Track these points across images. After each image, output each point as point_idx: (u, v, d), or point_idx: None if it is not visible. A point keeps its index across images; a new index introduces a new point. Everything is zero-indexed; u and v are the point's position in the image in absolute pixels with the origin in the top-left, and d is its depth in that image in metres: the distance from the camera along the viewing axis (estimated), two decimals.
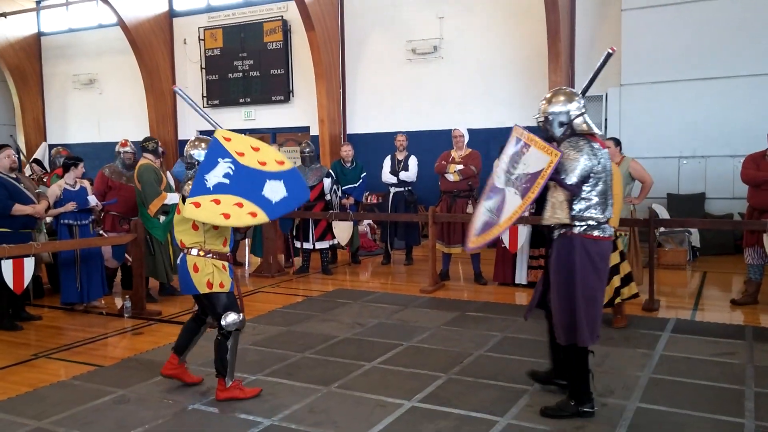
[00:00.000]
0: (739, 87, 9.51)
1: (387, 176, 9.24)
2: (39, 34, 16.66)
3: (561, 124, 3.68)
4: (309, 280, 8.56)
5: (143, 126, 14.61)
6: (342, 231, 8.86)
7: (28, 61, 16.43)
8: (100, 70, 15.75)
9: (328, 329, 5.93)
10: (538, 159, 3.48)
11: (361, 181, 9.39)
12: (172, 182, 7.67)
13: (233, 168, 3.95)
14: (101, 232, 7.40)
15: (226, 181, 3.93)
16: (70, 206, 6.70)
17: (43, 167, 10.28)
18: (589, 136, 3.66)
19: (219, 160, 3.95)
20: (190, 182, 4.18)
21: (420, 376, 4.61)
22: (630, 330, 5.70)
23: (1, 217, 6.11)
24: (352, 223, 8.93)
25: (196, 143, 4.40)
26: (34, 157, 12.64)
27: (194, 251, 4.18)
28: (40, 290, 7.60)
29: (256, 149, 4.07)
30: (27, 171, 10.27)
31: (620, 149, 7.17)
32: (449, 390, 4.36)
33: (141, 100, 14.65)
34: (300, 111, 13.35)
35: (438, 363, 4.83)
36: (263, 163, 4.02)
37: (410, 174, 9.06)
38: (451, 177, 8.04)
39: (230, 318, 4.16)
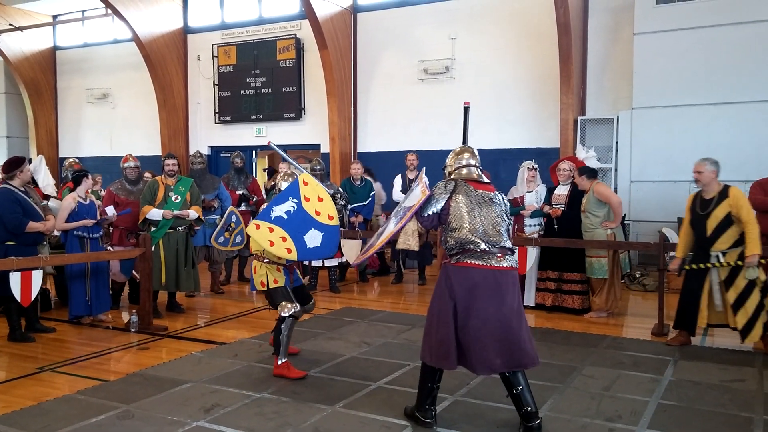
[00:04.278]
0: (752, 112, 9.47)
1: (399, 195, 9.25)
2: (54, 48, 16.84)
3: (449, 173, 4.24)
4: (316, 297, 8.52)
5: (155, 141, 14.70)
6: (350, 249, 8.84)
7: (42, 74, 16.60)
8: (113, 84, 15.89)
9: (335, 348, 5.90)
10: (416, 197, 4.11)
11: (370, 199, 9.40)
12: (173, 197, 7.35)
13: (295, 208, 4.80)
14: (108, 246, 7.42)
15: (285, 217, 4.77)
16: (89, 222, 6.73)
17: (34, 182, 10.15)
18: (470, 182, 4.10)
19: (289, 198, 4.82)
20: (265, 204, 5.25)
21: None
22: (638, 355, 5.65)
23: (15, 235, 6.16)
24: (360, 241, 8.91)
25: (286, 177, 5.32)
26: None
27: (256, 257, 5.14)
28: (48, 303, 7.62)
29: (321, 200, 4.89)
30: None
31: (586, 177, 7.14)
32: (455, 412, 4.32)
33: (153, 115, 14.75)
34: (311, 128, 13.39)
35: (444, 384, 4.75)
36: (318, 213, 4.83)
37: None
38: None
39: (285, 307, 5.01)
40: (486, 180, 4.21)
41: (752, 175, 8.37)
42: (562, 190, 7.41)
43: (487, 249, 3.92)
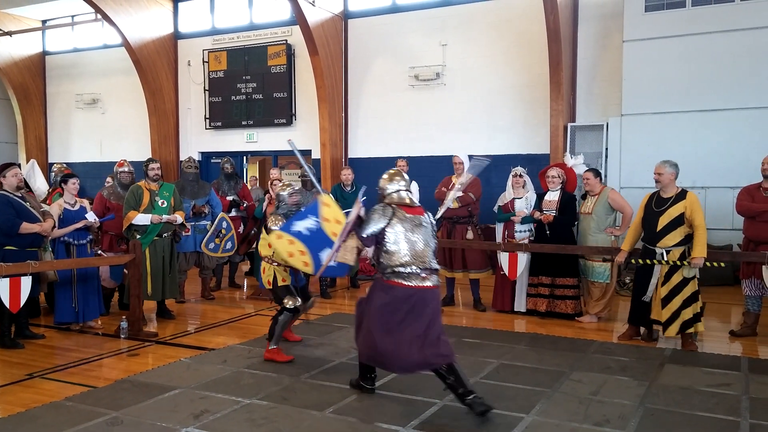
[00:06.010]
0: (739, 119, 9.55)
1: None
2: (44, 53, 16.78)
3: (381, 196, 4.67)
4: None
5: (145, 146, 14.66)
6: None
7: (32, 79, 16.53)
8: (103, 90, 15.85)
9: (325, 353, 5.90)
10: (351, 216, 4.52)
11: None
12: (159, 201, 7.34)
13: (316, 226, 5.16)
14: (99, 252, 7.39)
15: (307, 233, 5.18)
16: (80, 224, 6.70)
17: (28, 186, 10.07)
18: (402, 206, 4.53)
19: (310, 216, 5.20)
20: (273, 217, 5.84)
21: (415, 402, 4.60)
22: (627, 359, 5.69)
23: (9, 236, 6.13)
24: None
25: (284, 186, 6.10)
26: None
27: (265, 260, 5.77)
28: (37, 309, 7.57)
29: (338, 222, 5.06)
30: None
31: (600, 180, 7.30)
32: (445, 416, 4.34)
33: (143, 121, 14.72)
34: (302, 134, 13.38)
35: (433, 389, 4.80)
36: (334, 234, 4.98)
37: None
38: (450, 204, 7.93)
39: (288, 301, 5.65)
40: (416, 204, 4.62)
41: (740, 182, 8.44)
42: (553, 196, 7.45)
43: (414, 271, 4.37)
